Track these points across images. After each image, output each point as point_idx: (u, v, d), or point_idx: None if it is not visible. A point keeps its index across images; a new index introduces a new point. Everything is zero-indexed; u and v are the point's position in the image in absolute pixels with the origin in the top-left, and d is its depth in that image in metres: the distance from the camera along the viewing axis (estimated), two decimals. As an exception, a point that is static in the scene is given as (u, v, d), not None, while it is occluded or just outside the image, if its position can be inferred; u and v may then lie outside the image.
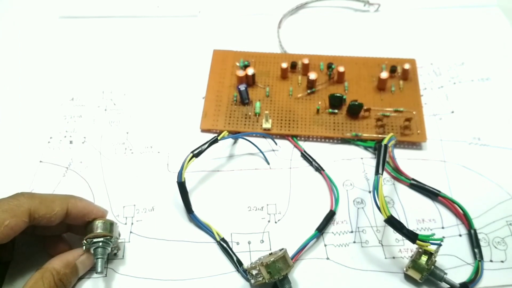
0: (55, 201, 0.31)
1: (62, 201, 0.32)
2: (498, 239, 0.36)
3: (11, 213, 0.29)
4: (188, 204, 0.36)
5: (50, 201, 0.31)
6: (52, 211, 0.31)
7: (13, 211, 0.29)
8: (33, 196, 0.31)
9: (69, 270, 0.32)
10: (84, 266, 0.33)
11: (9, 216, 0.29)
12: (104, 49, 0.49)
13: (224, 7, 0.53)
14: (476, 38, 0.50)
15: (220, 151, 0.41)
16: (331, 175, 0.39)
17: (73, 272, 0.32)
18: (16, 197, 0.30)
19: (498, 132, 0.42)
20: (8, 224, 0.29)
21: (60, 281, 0.31)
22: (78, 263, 0.32)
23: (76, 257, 0.32)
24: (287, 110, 0.43)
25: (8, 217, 0.29)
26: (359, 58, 0.47)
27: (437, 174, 0.39)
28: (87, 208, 0.33)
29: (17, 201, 0.30)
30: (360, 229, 0.36)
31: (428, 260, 0.32)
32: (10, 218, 0.29)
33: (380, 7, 0.53)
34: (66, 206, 0.31)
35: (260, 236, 0.36)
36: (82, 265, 0.32)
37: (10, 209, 0.29)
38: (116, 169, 0.40)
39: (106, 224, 0.33)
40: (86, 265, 0.33)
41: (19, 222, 0.29)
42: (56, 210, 0.31)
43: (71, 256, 0.32)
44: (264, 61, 0.47)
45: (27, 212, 0.30)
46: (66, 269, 0.31)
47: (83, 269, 0.33)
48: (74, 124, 0.43)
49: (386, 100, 0.43)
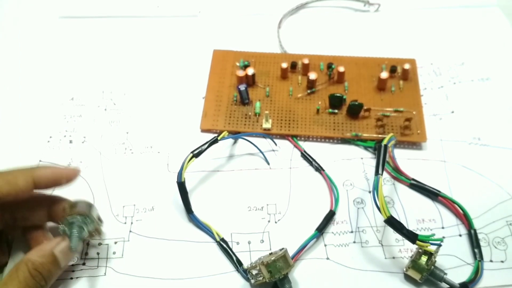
0: (17, 175, 0.30)
1: (25, 173, 0.30)
2: (498, 239, 0.36)
3: None
4: (188, 204, 0.36)
5: (13, 177, 0.30)
6: (16, 186, 0.30)
7: None
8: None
9: (46, 260, 0.30)
10: (64, 255, 0.31)
11: None
12: (104, 49, 0.49)
13: (224, 7, 0.53)
14: (476, 38, 0.50)
15: (220, 151, 0.41)
16: (331, 175, 0.39)
17: (52, 262, 0.30)
18: None
19: (498, 132, 0.42)
20: None
21: (36, 271, 0.29)
22: (57, 252, 0.30)
23: (53, 246, 0.30)
24: (287, 110, 0.43)
25: None
26: (359, 58, 0.47)
27: (437, 174, 0.39)
28: (55, 173, 0.31)
29: None
30: (360, 229, 0.36)
31: (428, 260, 0.32)
32: None
33: (380, 7, 0.53)
34: (31, 178, 0.30)
35: (260, 236, 0.36)
36: (62, 254, 0.30)
37: None
38: (116, 169, 0.40)
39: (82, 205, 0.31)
40: (66, 253, 0.31)
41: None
42: (21, 184, 0.30)
43: (48, 246, 0.30)
44: (264, 61, 0.47)
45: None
46: (42, 259, 0.29)
47: (64, 259, 0.31)
48: (74, 124, 0.43)
49: (386, 100, 0.43)
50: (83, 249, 0.35)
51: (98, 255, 0.35)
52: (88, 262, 0.34)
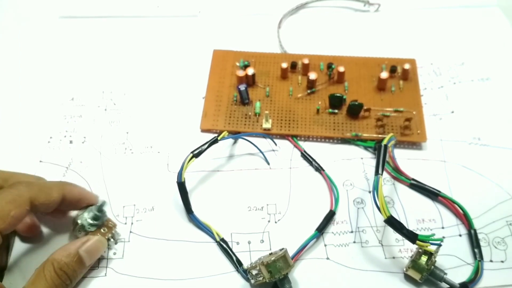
0: (52, 187, 0.31)
1: (59, 187, 0.32)
2: (498, 239, 0.36)
3: (14, 204, 0.29)
4: (188, 204, 0.36)
5: (48, 188, 0.31)
6: (50, 197, 0.31)
7: (16, 201, 0.29)
8: (31, 184, 0.31)
9: (71, 259, 0.31)
10: (90, 254, 0.32)
11: (14, 207, 0.29)
12: (104, 49, 0.49)
13: (224, 7, 0.53)
14: (476, 38, 0.50)
15: (220, 151, 0.41)
16: (331, 175, 0.39)
17: (77, 261, 0.31)
18: (15, 187, 0.30)
19: (498, 132, 0.42)
20: (14, 214, 0.29)
21: (62, 270, 0.30)
22: (82, 252, 0.31)
23: (79, 246, 0.31)
24: (287, 110, 0.43)
25: (13, 207, 0.29)
26: (359, 58, 0.47)
27: (437, 174, 0.39)
28: (81, 194, 0.33)
29: (17, 191, 0.30)
30: (360, 229, 0.36)
31: (428, 260, 0.32)
32: (14, 208, 0.29)
33: (380, 7, 0.53)
34: (62, 192, 0.32)
35: (260, 236, 0.36)
36: (88, 253, 0.32)
37: (13, 199, 0.29)
38: (116, 169, 0.40)
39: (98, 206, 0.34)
40: (92, 253, 0.32)
41: (23, 211, 0.29)
42: (55, 197, 0.31)
43: (72, 246, 0.31)
44: (264, 61, 0.47)
45: (29, 201, 0.30)
46: (67, 259, 0.31)
47: (90, 258, 0.32)
48: (74, 124, 0.43)
49: (386, 100, 0.43)
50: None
51: (98, 255, 0.35)
52: (88, 262, 0.34)
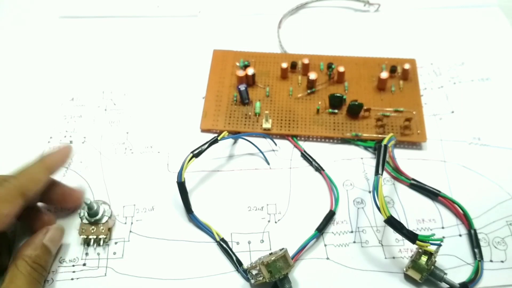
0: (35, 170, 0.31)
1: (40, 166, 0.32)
2: (498, 239, 0.36)
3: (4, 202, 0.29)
4: (188, 204, 0.36)
5: (33, 173, 0.31)
6: (39, 181, 0.31)
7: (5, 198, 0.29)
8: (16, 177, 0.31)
9: (40, 251, 0.31)
10: (54, 243, 0.33)
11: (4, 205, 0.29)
12: (104, 49, 0.49)
13: (224, 7, 0.53)
14: (476, 38, 0.50)
15: (220, 151, 0.41)
16: (331, 175, 0.39)
17: (45, 251, 0.32)
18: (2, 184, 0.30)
19: (498, 132, 0.42)
20: (7, 213, 0.28)
21: (35, 263, 0.31)
22: (46, 242, 0.32)
23: (42, 237, 0.32)
24: (287, 110, 0.43)
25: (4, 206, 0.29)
26: (359, 58, 0.47)
27: (437, 174, 0.39)
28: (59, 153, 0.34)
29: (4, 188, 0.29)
30: (360, 229, 0.36)
31: (428, 260, 0.32)
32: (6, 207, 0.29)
33: (380, 7, 0.53)
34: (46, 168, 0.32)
35: (260, 236, 0.36)
36: (52, 242, 0.32)
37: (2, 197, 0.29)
38: (116, 169, 0.40)
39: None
40: (55, 241, 0.33)
41: (16, 207, 0.29)
42: (43, 178, 0.31)
43: (36, 239, 0.32)
44: (264, 61, 0.47)
45: (19, 195, 0.29)
46: (36, 251, 0.31)
47: (54, 246, 0.33)
48: (74, 124, 0.43)
49: (386, 100, 0.43)
50: (84, 249, 0.35)
51: (98, 256, 0.35)
52: (88, 263, 0.34)
